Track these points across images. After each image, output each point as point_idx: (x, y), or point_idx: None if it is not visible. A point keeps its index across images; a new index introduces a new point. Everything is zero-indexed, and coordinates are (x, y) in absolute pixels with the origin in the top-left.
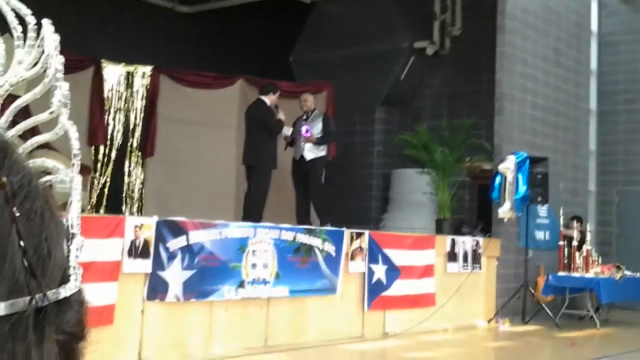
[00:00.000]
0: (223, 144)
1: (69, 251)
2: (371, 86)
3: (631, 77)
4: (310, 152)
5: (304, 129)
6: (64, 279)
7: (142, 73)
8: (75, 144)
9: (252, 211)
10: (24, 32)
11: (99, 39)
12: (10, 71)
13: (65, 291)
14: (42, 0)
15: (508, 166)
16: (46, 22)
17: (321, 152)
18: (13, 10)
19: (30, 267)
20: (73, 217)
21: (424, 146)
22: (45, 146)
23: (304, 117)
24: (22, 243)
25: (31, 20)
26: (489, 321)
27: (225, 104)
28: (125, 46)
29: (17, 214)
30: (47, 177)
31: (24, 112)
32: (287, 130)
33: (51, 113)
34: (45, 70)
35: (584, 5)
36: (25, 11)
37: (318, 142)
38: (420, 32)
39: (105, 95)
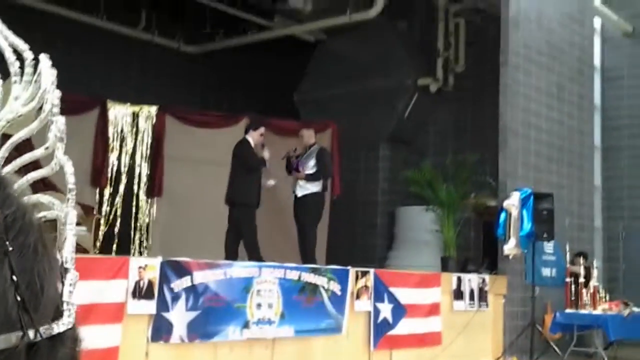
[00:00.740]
0: (221, 181)
1: (62, 286)
2: (375, 123)
3: (635, 111)
4: (302, 188)
5: (298, 166)
6: (57, 315)
7: (148, 113)
8: (70, 179)
9: (251, 252)
10: (22, 67)
11: (104, 80)
12: (7, 107)
13: (58, 327)
14: (49, 40)
15: (513, 203)
16: (43, 57)
17: (314, 188)
18: (11, 46)
19: (22, 302)
20: (67, 252)
21: (428, 183)
22: (50, 187)
23: (296, 154)
24: (14, 277)
25: (29, 55)
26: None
27: (231, 142)
28: (131, 86)
29: (10, 248)
30: (43, 213)
31: (27, 148)
32: (266, 179)
33: (47, 148)
34: (41, 107)
35: (587, 40)
36: (23, 47)
37: (309, 179)
38: (423, 69)
39: (111, 135)
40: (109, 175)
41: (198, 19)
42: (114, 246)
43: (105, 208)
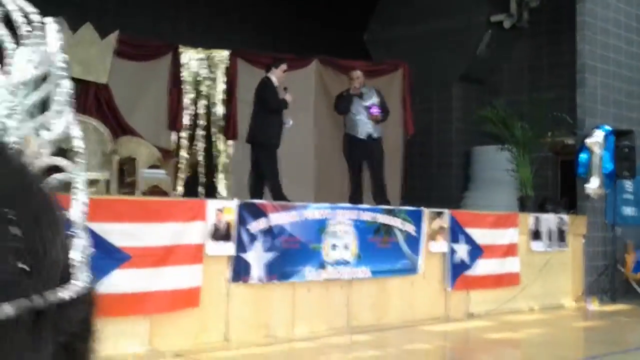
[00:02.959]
0: (301, 125)
1: (68, 249)
2: (448, 62)
3: None
4: (375, 130)
5: (372, 107)
6: (64, 279)
7: (220, 57)
8: (78, 143)
9: (274, 194)
10: (30, 31)
11: (174, 26)
12: (20, 71)
13: (65, 291)
14: None
15: (596, 141)
16: (49, 21)
17: (380, 130)
18: (20, 9)
19: (25, 267)
20: (75, 216)
21: (503, 122)
22: (129, 132)
23: (355, 93)
24: (15, 244)
25: (36, 18)
26: (577, 300)
27: (302, 85)
28: (200, 31)
29: (10, 216)
30: (58, 175)
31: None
32: (286, 119)
33: (58, 112)
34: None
35: None
36: (30, 9)
37: (381, 121)
38: (497, 5)
39: (184, 80)
40: (186, 119)
41: None
42: (196, 188)
43: (183, 151)
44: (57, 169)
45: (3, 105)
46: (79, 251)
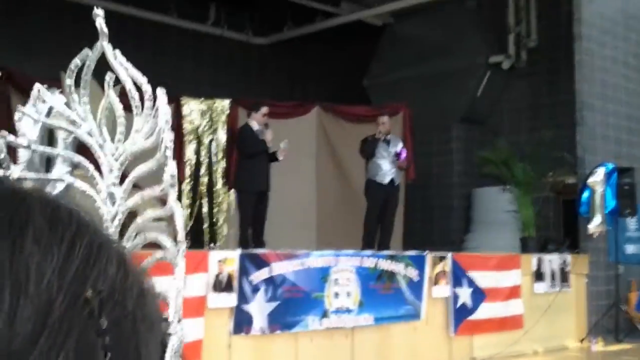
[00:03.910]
0: (303, 172)
1: (163, 352)
2: (448, 104)
3: None
4: (398, 177)
5: (401, 152)
6: None
7: (221, 107)
8: (181, 231)
9: (241, 238)
10: (141, 100)
11: (176, 77)
12: (130, 139)
13: None
14: (119, 38)
15: (598, 179)
16: (160, 93)
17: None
18: (131, 78)
19: None
20: (174, 313)
21: (504, 163)
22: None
23: (381, 138)
24: (108, 354)
25: (147, 89)
26: (581, 341)
27: (303, 132)
28: (203, 81)
29: (104, 326)
30: (158, 254)
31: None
32: (280, 153)
33: (162, 190)
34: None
35: None
36: (142, 80)
37: (407, 167)
38: (495, 46)
39: (186, 131)
40: (187, 170)
41: (266, 11)
42: (198, 239)
43: (184, 202)
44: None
45: (113, 175)
46: (171, 353)
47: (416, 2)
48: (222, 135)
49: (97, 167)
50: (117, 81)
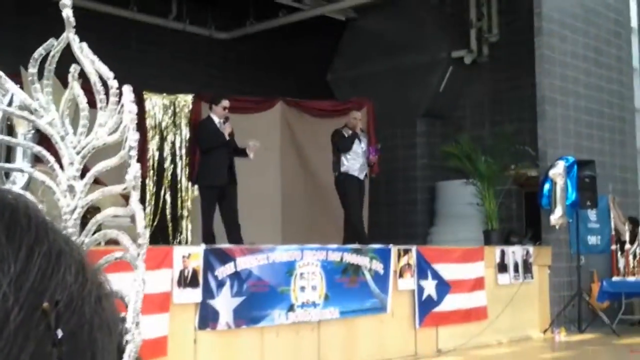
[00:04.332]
0: (266, 167)
1: (120, 357)
2: (411, 99)
3: None
4: (363, 171)
5: (371, 150)
6: None
7: (184, 102)
8: (141, 225)
9: (204, 233)
10: (106, 94)
11: (139, 71)
12: (92, 133)
13: None
14: (80, 32)
15: (558, 171)
16: (127, 90)
17: None
18: (96, 72)
19: None
20: (132, 317)
21: (467, 157)
22: (98, 182)
23: (354, 135)
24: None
25: (113, 84)
26: (545, 332)
27: (267, 127)
28: (166, 76)
29: (60, 336)
30: (117, 254)
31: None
32: (248, 145)
33: (124, 189)
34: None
35: (622, 1)
36: (108, 74)
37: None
38: (457, 41)
39: (148, 126)
40: (150, 165)
41: (228, 5)
42: (155, 234)
43: (148, 198)
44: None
45: (74, 167)
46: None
47: None
48: (185, 131)
49: (58, 160)
50: (82, 74)
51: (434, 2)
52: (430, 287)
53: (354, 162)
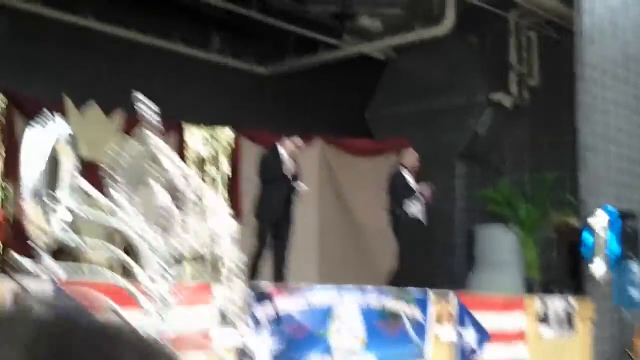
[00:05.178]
0: (305, 205)
1: None
2: (449, 140)
3: None
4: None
5: (424, 190)
6: None
7: (223, 135)
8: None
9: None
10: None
11: (179, 103)
12: (186, 235)
13: None
14: (121, 64)
15: (599, 222)
16: (216, 199)
17: None
18: (179, 170)
19: None
20: None
21: (507, 202)
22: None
23: (407, 175)
24: None
25: (194, 182)
26: None
27: (306, 164)
28: (205, 109)
29: None
30: None
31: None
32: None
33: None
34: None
35: None
36: (188, 171)
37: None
38: (496, 84)
39: (188, 158)
40: None
41: (268, 40)
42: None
43: None
44: None
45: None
46: None
47: (418, 37)
48: (225, 165)
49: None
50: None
51: (474, 44)
52: (469, 335)
53: (416, 204)
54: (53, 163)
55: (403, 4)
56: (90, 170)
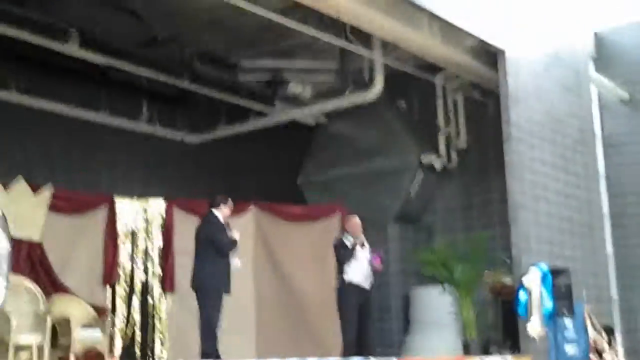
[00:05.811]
0: (239, 275)
1: None
2: (382, 203)
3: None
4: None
5: (375, 257)
6: None
7: (155, 206)
8: None
9: (204, 345)
10: None
11: (108, 175)
12: None
13: None
14: (50, 138)
15: (533, 280)
16: None
17: None
18: None
19: None
20: None
21: (442, 263)
22: (62, 290)
23: (361, 244)
24: None
25: None
26: None
27: (240, 231)
28: (136, 180)
29: None
30: None
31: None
32: (236, 261)
33: None
34: None
35: (586, 110)
36: None
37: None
38: (427, 146)
39: (120, 232)
40: (122, 273)
41: (199, 109)
42: (133, 349)
43: (120, 307)
44: None
45: None
46: None
47: (348, 102)
48: (157, 236)
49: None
50: None
51: (403, 108)
52: None
53: (359, 271)
54: None
55: (333, 71)
56: (16, 248)
